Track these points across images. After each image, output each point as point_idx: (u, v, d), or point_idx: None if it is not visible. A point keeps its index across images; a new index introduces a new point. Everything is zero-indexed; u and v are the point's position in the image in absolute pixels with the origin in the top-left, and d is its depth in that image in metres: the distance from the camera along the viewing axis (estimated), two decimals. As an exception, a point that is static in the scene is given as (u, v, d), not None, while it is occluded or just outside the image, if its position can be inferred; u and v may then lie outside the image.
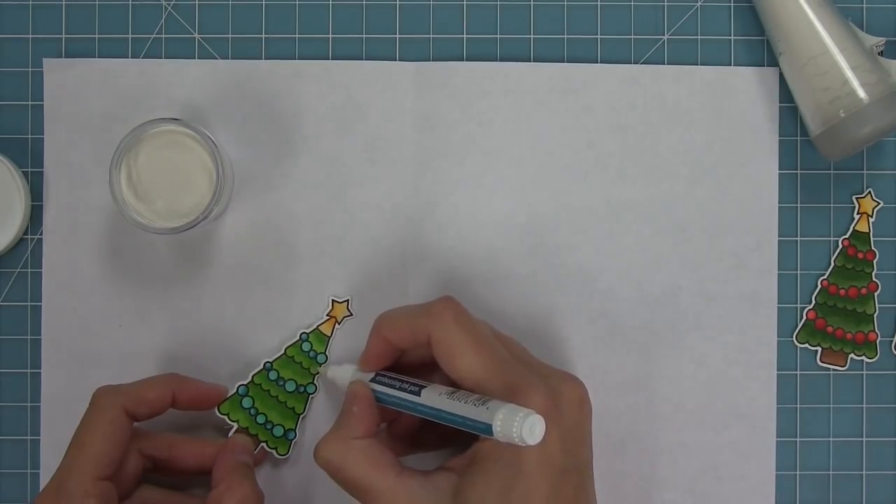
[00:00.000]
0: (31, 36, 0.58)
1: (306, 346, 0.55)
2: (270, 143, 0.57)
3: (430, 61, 0.57)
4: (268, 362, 0.55)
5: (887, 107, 0.53)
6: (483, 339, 0.47)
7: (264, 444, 0.55)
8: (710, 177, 0.57)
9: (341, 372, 0.53)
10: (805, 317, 0.58)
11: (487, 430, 0.43)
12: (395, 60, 0.58)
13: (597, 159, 0.57)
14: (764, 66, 0.58)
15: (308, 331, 0.56)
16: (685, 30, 0.58)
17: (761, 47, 0.58)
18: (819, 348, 0.58)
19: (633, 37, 0.58)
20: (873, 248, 0.58)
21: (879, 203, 0.58)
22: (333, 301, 0.56)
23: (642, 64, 0.58)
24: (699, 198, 0.57)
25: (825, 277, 0.58)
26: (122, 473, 0.50)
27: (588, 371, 0.56)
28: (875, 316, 0.57)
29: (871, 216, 0.58)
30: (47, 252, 0.57)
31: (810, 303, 0.58)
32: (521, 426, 0.41)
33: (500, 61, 0.57)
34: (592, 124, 0.57)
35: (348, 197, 0.57)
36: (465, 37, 0.58)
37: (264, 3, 0.58)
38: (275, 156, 0.57)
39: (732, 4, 0.58)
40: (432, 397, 0.47)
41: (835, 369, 0.58)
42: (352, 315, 0.56)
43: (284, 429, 0.55)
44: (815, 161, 0.58)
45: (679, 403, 0.57)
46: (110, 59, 0.57)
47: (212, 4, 0.58)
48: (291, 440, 0.55)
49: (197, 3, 0.58)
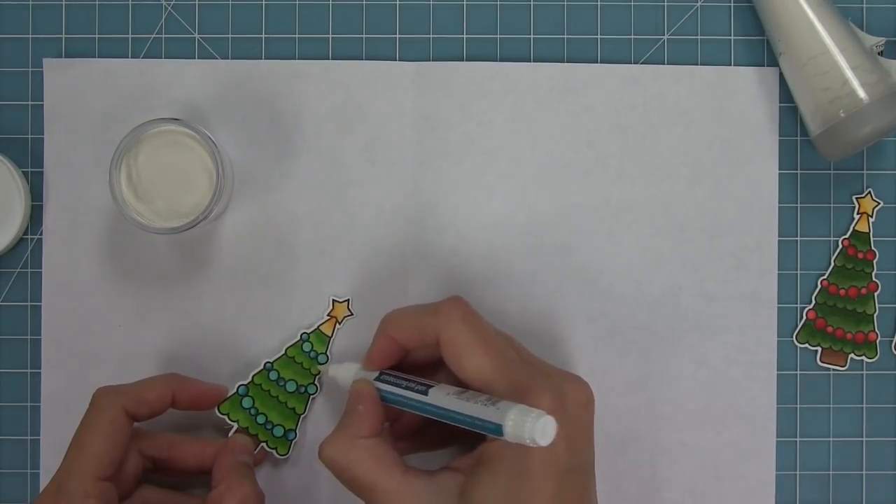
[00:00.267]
0: (31, 36, 0.58)
1: (307, 347, 0.55)
2: (270, 143, 0.57)
3: (430, 61, 0.57)
4: (268, 362, 0.55)
5: (887, 107, 0.53)
6: (491, 339, 0.47)
7: (264, 444, 0.54)
8: (710, 177, 0.57)
9: (343, 371, 0.52)
10: (805, 317, 0.58)
11: (497, 430, 0.42)
12: (395, 60, 0.58)
13: (597, 159, 0.57)
14: (764, 66, 0.58)
15: (309, 331, 0.56)
16: (685, 30, 0.58)
17: (761, 47, 0.58)
18: (819, 348, 0.58)
19: (633, 37, 0.58)
20: (873, 248, 0.58)
21: (879, 203, 0.58)
22: (334, 301, 0.56)
23: (642, 64, 0.58)
24: (699, 198, 0.57)
25: (825, 277, 0.58)
26: (122, 474, 0.50)
27: (588, 371, 0.56)
28: (875, 316, 0.57)
29: (871, 216, 0.58)
30: (47, 252, 0.57)
31: (810, 303, 0.58)
32: (534, 427, 0.41)
33: (500, 61, 0.57)
34: (592, 124, 0.57)
35: (348, 197, 0.57)
36: (465, 37, 0.58)
37: (264, 3, 0.58)
38: (275, 156, 0.57)
39: (732, 4, 0.58)
40: (440, 397, 0.46)
41: (835, 369, 0.58)
42: (352, 315, 0.56)
43: (285, 429, 0.55)
44: (815, 161, 0.58)
45: (679, 403, 0.57)
46: (110, 59, 0.57)
47: (212, 4, 0.58)
48: (291, 440, 0.55)
49: (197, 3, 0.58)
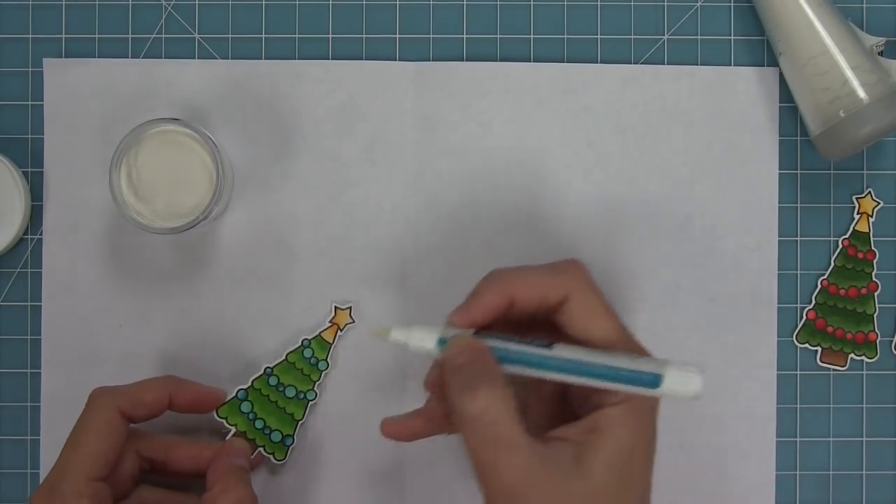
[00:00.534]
0: (31, 36, 0.57)
1: (308, 353, 0.55)
2: (270, 143, 0.57)
3: (430, 61, 0.57)
4: (268, 367, 0.55)
5: (887, 107, 0.53)
6: (609, 304, 0.46)
7: (261, 448, 0.55)
8: (710, 177, 0.57)
9: (417, 334, 0.47)
10: (805, 317, 0.58)
11: (654, 381, 0.43)
12: (395, 60, 0.58)
13: (597, 159, 0.57)
14: (764, 66, 0.58)
15: (310, 337, 0.55)
16: (685, 30, 0.58)
17: (761, 47, 0.58)
18: (819, 348, 0.58)
19: (633, 37, 0.58)
20: (873, 248, 0.58)
21: (879, 203, 0.58)
22: (336, 308, 0.56)
23: (642, 64, 0.58)
24: (699, 198, 0.57)
25: (825, 277, 0.58)
26: (118, 474, 0.50)
27: (588, 371, 0.56)
28: (875, 316, 0.57)
29: (871, 216, 0.58)
30: (47, 252, 0.57)
31: (810, 303, 0.58)
32: (697, 380, 0.42)
33: (500, 61, 0.57)
34: (592, 124, 0.57)
35: (348, 197, 0.57)
36: (465, 37, 0.58)
37: (264, 3, 0.58)
38: (275, 156, 0.57)
39: (732, 4, 0.58)
40: (571, 350, 0.45)
41: (835, 369, 0.58)
42: (354, 322, 0.56)
43: (282, 434, 0.55)
44: (815, 161, 0.58)
45: (679, 403, 0.57)
46: (110, 59, 0.57)
47: (212, 4, 0.58)
48: (289, 446, 0.55)
49: (197, 3, 0.58)
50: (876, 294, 0.57)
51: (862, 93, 0.53)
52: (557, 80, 0.57)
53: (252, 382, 0.55)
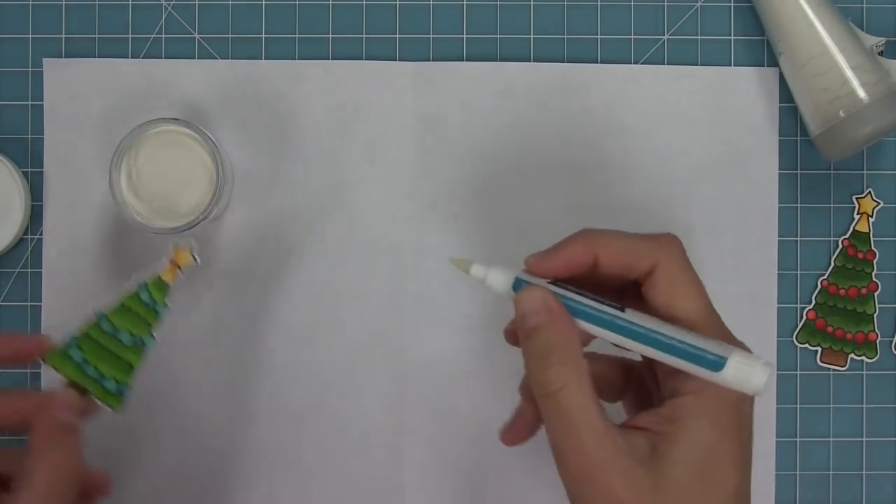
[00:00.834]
0: (31, 36, 0.58)
1: (145, 296, 0.50)
2: (270, 143, 0.57)
3: (430, 61, 0.57)
4: (100, 312, 0.50)
5: (887, 107, 0.53)
6: (700, 282, 0.44)
7: (95, 397, 0.50)
8: (710, 177, 0.57)
9: (493, 273, 0.45)
10: (805, 317, 0.58)
11: (717, 364, 0.40)
12: (395, 60, 0.58)
13: (597, 159, 0.57)
14: (764, 66, 0.58)
15: (147, 280, 0.50)
16: (685, 30, 0.58)
17: (761, 47, 0.58)
18: (819, 348, 0.58)
19: (633, 37, 0.58)
20: (873, 248, 0.58)
21: (879, 203, 0.58)
22: (176, 247, 0.51)
23: (642, 64, 0.58)
24: (699, 198, 0.57)
25: (825, 277, 0.58)
26: None
27: (588, 371, 0.56)
28: (875, 316, 0.57)
29: (871, 216, 0.58)
30: (47, 252, 0.57)
31: (810, 303, 0.58)
32: (761, 372, 0.40)
33: (500, 61, 0.57)
34: (592, 124, 0.57)
35: (348, 197, 0.57)
36: (465, 37, 0.58)
37: (264, 3, 0.58)
38: (275, 156, 0.57)
39: (732, 4, 0.58)
40: (642, 318, 0.42)
41: (835, 369, 0.58)
42: (197, 263, 0.51)
43: (117, 382, 0.50)
44: (815, 161, 0.58)
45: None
46: (110, 59, 0.57)
47: (212, 4, 0.58)
48: (125, 394, 0.50)
49: (197, 3, 0.58)
50: (876, 294, 0.57)
51: (862, 93, 0.53)
52: (557, 80, 0.57)
53: (82, 328, 0.50)
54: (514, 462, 0.57)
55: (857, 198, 0.58)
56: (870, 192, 0.58)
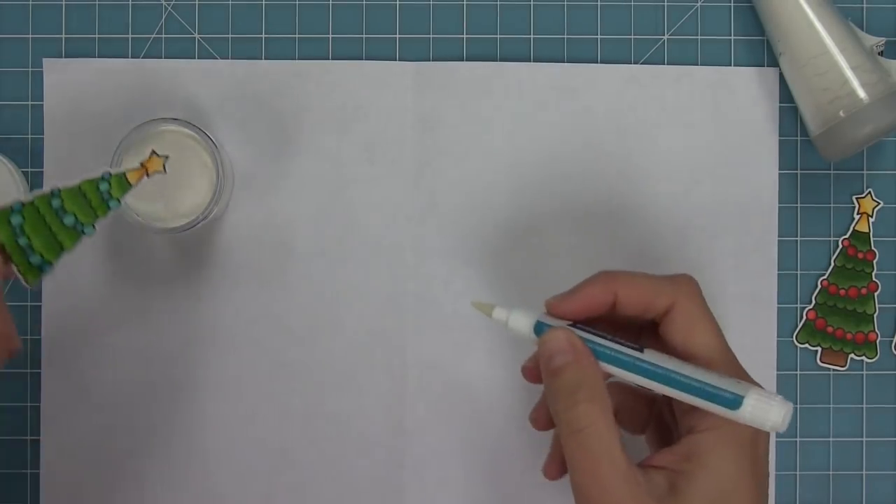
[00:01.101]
0: (31, 36, 0.57)
1: (104, 186, 0.49)
2: (270, 143, 0.57)
3: (430, 61, 0.57)
4: (57, 188, 0.48)
5: (887, 107, 0.53)
6: (717, 322, 0.45)
7: (15, 267, 0.48)
8: (710, 177, 0.57)
9: (515, 316, 0.46)
10: (805, 317, 0.58)
11: (734, 402, 0.41)
12: (395, 60, 0.58)
13: (597, 159, 0.57)
14: (764, 66, 0.58)
15: (113, 172, 0.49)
16: (685, 30, 0.58)
17: (761, 47, 0.58)
18: (819, 348, 0.58)
19: (633, 37, 0.58)
20: (873, 248, 0.58)
21: (879, 203, 0.58)
22: (154, 153, 0.50)
23: (642, 64, 0.58)
24: (699, 198, 0.57)
25: (825, 277, 0.58)
26: None
27: (588, 371, 0.56)
28: (875, 316, 0.57)
29: (871, 216, 0.58)
30: (47, 252, 0.57)
31: (810, 303, 0.58)
32: (779, 409, 0.41)
33: (500, 61, 0.57)
34: (592, 124, 0.57)
35: (348, 197, 0.57)
36: (465, 37, 0.58)
37: (264, 3, 0.58)
38: (275, 156, 0.57)
39: (732, 4, 0.58)
40: (661, 357, 0.44)
41: (835, 369, 0.58)
42: (165, 173, 0.50)
43: (43, 259, 0.49)
44: (815, 161, 0.58)
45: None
46: (110, 59, 0.57)
47: (212, 4, 0.58)
48: (45, 272, 0.49)
49: (197, 3, 0.58)
50: (876, 294, 0.57)
51: (862, 93, 0.53)
52: (557, 80, 0.57)
53: (34, 198, 0.48)
54: (514, 462, 0.57)
55: (857, 198, 0.58)
56: (870, 192, 0.58)
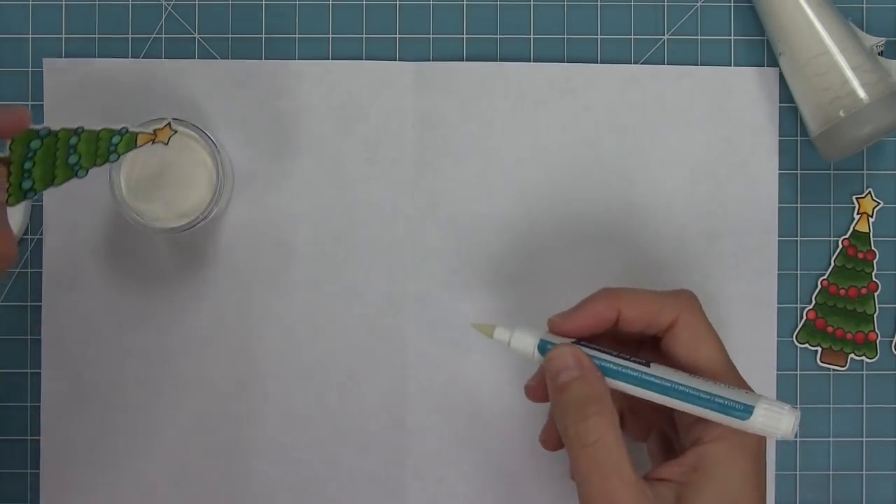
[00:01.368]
0: (31, 36, 0.57)
1: (116, 139, 0.49)
2: (270, 143, 0.57)
3: (430, 61, 0.57)
4: (81, 128, 0.48)
5: (887, 107, 0.53)
6: (719, 336, 0.46)
7: (9, 184, 0.48)
8: (710, 177, 0.57)
9: (518, 335, 0.47)
10: (805, 317, 0.58)
11: (745, 412, 0.42)
12: (395, 60, 0.58)
13: (597, 159, 0.57)
14: (764, 66, 0.58)
15: (129, 130, 0.50)
16: (685, 30, 0.58)
17: (761, 47, 0.58)
18: (819, 348, 0.58)
19: (633, 37, 0.58)
20: (873, 248, 0.58)
21: (879, 203, 0.58)
22: (171, 122, 0.50)
23: (642, 64, 0.58)
24: (699, 198, 0.57)
25: (825, 277, 0.58)
26: None
27: (588, 371, 0.56)
28: (875, 316, 0.57)
29: (871, 216, 0.58)
30: (47, 252, 0.57)
31: (810, 303, 0.58)
32: (790, 418, 0.41)
33: (500, 61, 0.57)
34: (592, 124, 0.57)
35: (348, 197, 0.57)
36: (465, 37, 0.58)
37: (264, 3, 0.58)
38: (275, 156, 0.57)
39: (732, 4, 0.58)
40: (667, 371, 0.44)
41: (835, 369, 0.58)
42: (166, 145, 0.50)
43: (33, 186, 0.48)
44: (815, 161, 0.58)
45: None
46: (110, 59, 0.57)
47: (212, 4, 0.58)
48: (28, 198, 0.49)
49: (197, 3, 0.58)
50: (876, 294, 0.57)
51: (862, 93, 0.53)
52: (557, 80, 0.57)
53: (59, 130, 0.48)
54: (515, 461, 0.57)
55: (857, 198, 0.58)
56: (870, 192, 0.58)
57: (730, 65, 0.58)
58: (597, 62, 0.58)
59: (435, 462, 0.57)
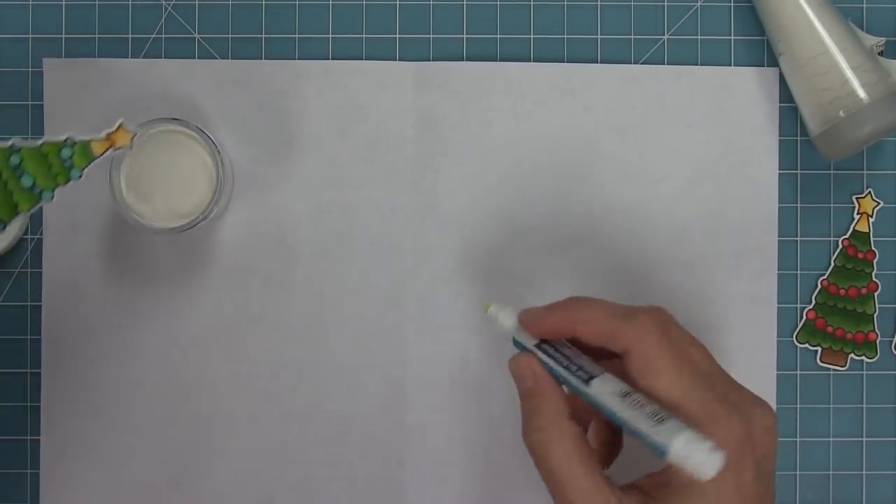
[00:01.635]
0: (31, 36, 0.57)
1: (66, 153, 0.47)
2: (270, 143, 0.57)
3: (430, 61, 0.57)
4: (17, 145, 0.47)
5: (887, 107, 0.53)
6: (686, 359, 0.44)
7: None
8: (710, 177, 0.57)
9: (504, 317, 0.48)
10: (805, 317, 0.58)
11: (661, 451, 0.41)
12: (395, 60, 0.58)
13: (597, 159, 0.57)
14: (764, 66, 0.58)
15: (78, 139, 0.47)
16: (685, 30, 0.58)
17: (761, 47, 0.58)
18: (819, 348, 0.58)
19: (633, 37, 0.58)
20: (873, 248, 0.58)
21: (879, 203, 0.58)
22: (122, 125, 0.48)
23: (642, 64, 0.58)
24: (699, 198, 0.57)
25: (825, 277, 0.58)
26: None
27: (588, 371, 0.56)
28: (875, 316, 0.57)
29: (871, 216, 0.58)
30: (47, 252, 0.57)
31: (810, 303, 0.58)
32: (704, 459, 0.40)
33: (500, 61, 0.57)
34: (592, 124, 0.57)
35: (348, 197, 0.57)
36: (465, 37, 0.58)
37: (264, 3, 0.58)
38: (275, 156, 0.57)
39: (732, 4, 0.58)
40: (604, 393, 0.43)
41: (835, 369, 0.58)
42: (130, 149, 0.48)
43: None
44: (815, 161, 0.58)
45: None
46: (110, 59, 0.57)
47: (212, 4, 0.58)
48: None
49: (197, 3, 0.58)
50: (876, 294, 0.57)
51: (862, 93, 0.53)
52: (557, 80, 0.57)
53: None
54: (515, 462, 0.57)
55: (857, 198, 0.58)
56: (870, 192, 0.58)
57: (730, 65, 0.58)
58: (597, 62, 0.58)
59: (434, 462, 0.57)
